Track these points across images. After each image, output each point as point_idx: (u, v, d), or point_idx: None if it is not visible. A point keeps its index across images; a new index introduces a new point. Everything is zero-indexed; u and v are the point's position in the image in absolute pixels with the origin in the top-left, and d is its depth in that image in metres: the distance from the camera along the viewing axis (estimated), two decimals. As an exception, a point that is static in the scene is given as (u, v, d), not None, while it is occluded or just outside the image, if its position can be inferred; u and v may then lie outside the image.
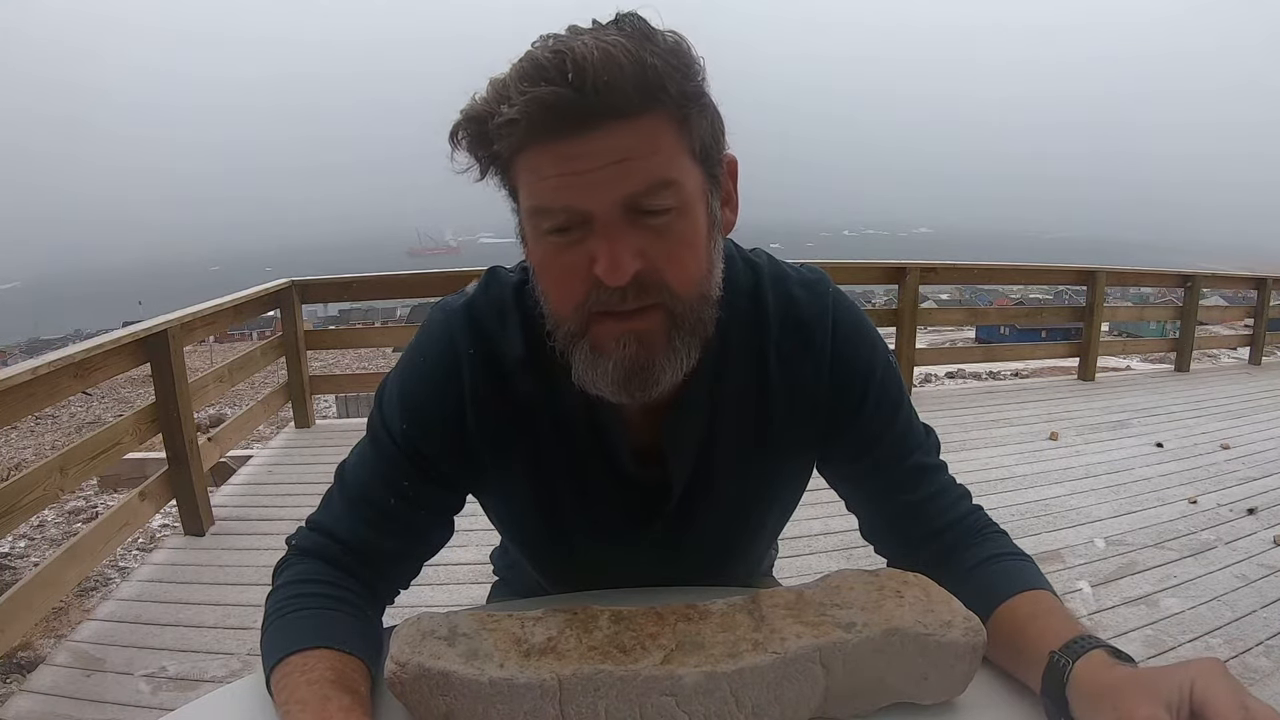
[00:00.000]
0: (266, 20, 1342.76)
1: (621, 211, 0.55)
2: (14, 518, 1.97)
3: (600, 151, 0.53)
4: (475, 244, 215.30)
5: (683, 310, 0.59)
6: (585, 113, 0.52)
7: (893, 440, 0.72)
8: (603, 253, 0.55)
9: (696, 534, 0.75)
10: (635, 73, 0.52)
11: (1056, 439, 3.85)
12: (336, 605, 0.65)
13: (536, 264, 0.61)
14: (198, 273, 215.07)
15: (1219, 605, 2.21)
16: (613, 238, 0.55)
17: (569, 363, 0.62)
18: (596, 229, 0.55)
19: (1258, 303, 6.34)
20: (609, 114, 0.53)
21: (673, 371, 0.60)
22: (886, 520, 0.75)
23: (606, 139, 0.53)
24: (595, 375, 0.60)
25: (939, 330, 22.97)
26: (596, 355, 0.60)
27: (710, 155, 0.60)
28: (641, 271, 0.56)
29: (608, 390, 0.60)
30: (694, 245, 0.59)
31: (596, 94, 0.52)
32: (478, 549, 1.14)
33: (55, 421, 9.87)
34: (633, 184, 0.54)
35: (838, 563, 2.45)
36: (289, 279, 3.91)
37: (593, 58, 0.51)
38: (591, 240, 0.56)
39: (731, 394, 0.68)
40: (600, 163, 0.54)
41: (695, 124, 0.57)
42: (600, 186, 0.54)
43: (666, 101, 0.55)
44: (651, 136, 0.55)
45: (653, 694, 0.54)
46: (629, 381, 0.59)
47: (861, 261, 5.78)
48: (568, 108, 0.52)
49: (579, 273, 0.57)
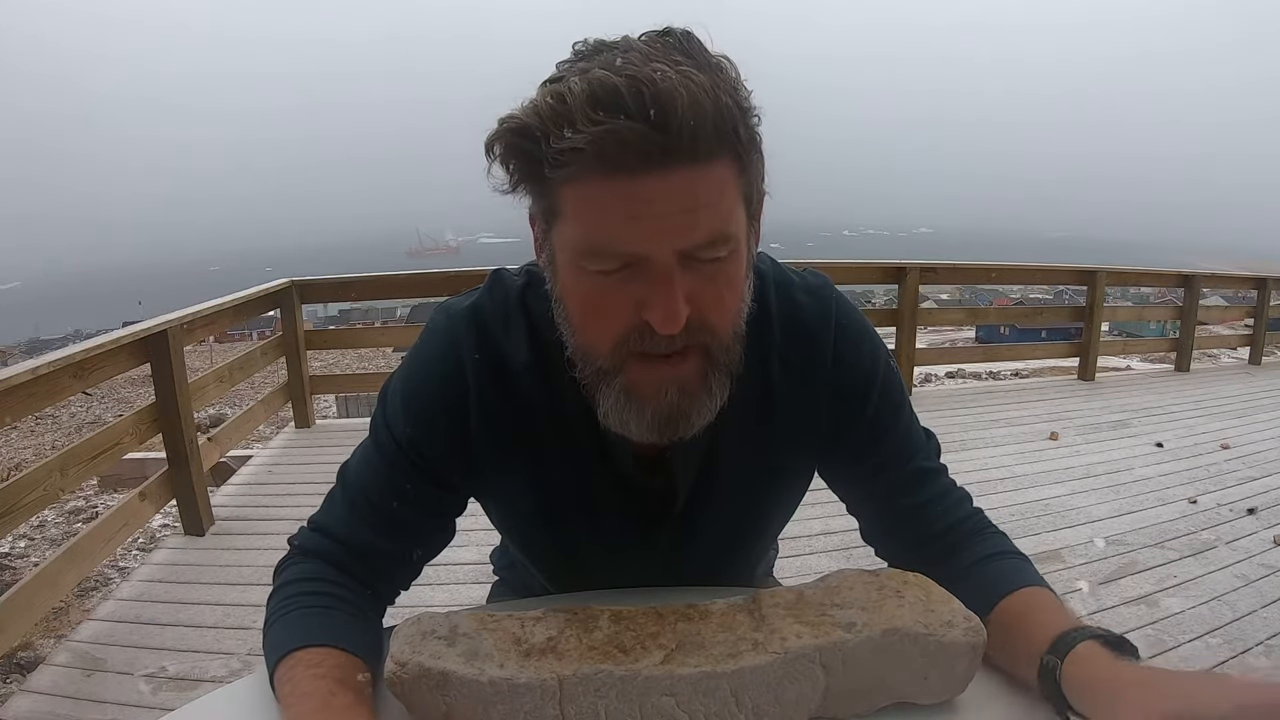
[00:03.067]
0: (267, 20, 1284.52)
1: (678, 258, 0.53)
2: (14, 518, 1.97)
3: (672, 196, 0.50)
4: (475, 244, 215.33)
5: (719, 350, 0.58)
6: (663, 153, 0.49)
7: (894, 444, 0.73)
8: (658, 301, 0.53)
9: (699, 538, 0.75)
10: (715, 116, 0.49)
11: (1056, 439, 3.85)
12: (337, 605, 0.65)
13: (571, 294, 0.58)
14: (198, 273, 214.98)
15: (1219, 605, 2.21)
16: (669, 285, 0.52)
17: (591, 396, 0.60)
18: (651, 273, 0.53)
19: (1258, 303, 6.35)
20: (687, 158, 0.50)
21: (707, 414, 0.60)
22: (887, 523, 0.75)
23: (679, 183, 0.50)
24: (627, 417, 0.59)
25: (939, 330, 22.99)
26: (630, 399, 0.58)
27: (755, 198, 0.58)
28: (690, 316, 0.54)
29: (638, 434, 0.59)
30: (736, 288, 0.58)
31: (679, 137, 0.48)
32: (478, 549, 1.14)
33: (55, 421, 9.87)
34: (698, 236, 0.52)
35: (838, 563, 2.45)
36: (289, 279, 3.91)
37: (679, 96, 0.47)
38: (639, 283, 0.53)
39: (735, 399, 0.69)
40: (671, 209, 0.50)
41: (752, 170, 0.55)
42: (666, 234, 0.51)
43: (736, 147, 0.52)
44: (719, 185, 0.52)
45: (653, 694, 0.54)
46: (665, 429, 0.58)
47: (861, 261, 5.78)
48: (647, 147, 0.48)
49: (622, 313, 0.55)
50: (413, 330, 4.37)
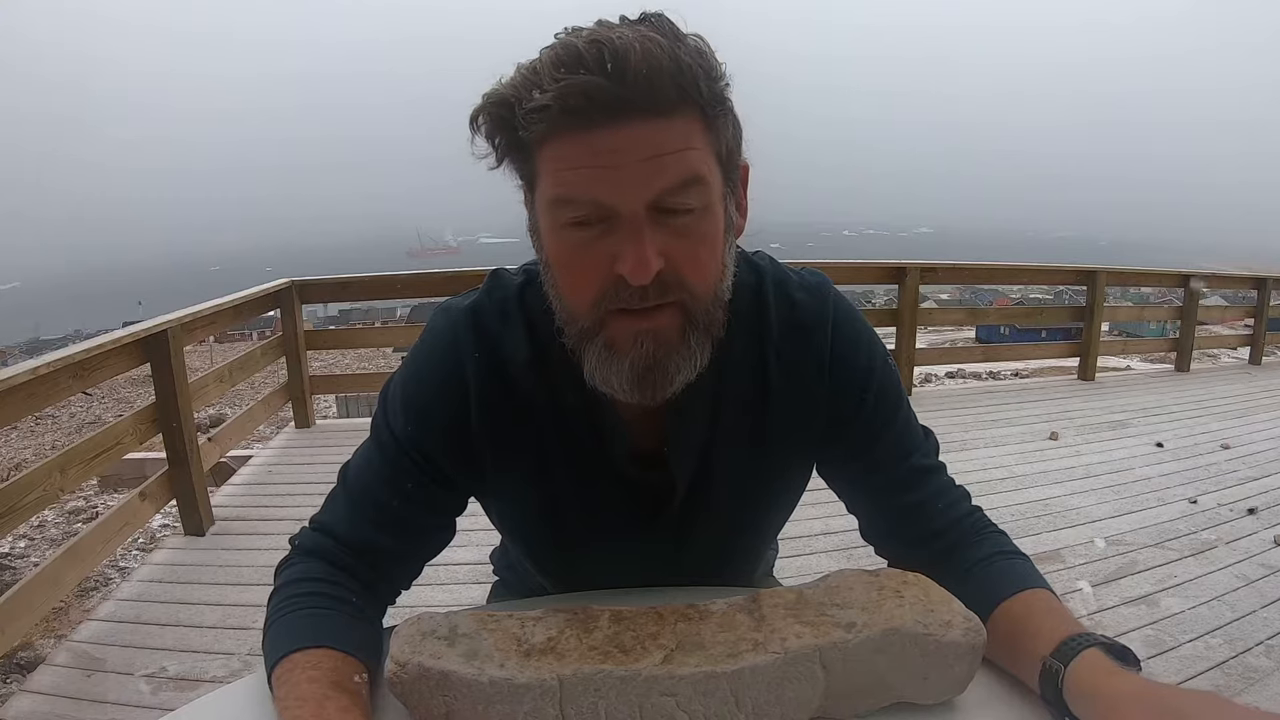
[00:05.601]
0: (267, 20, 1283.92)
1: (647, 210, 0.55)
2: (14, 518, 1.96)
3: (634, 145, 0.53)
4: (475, 244, 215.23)
5: (698, 309, 0.59)
6: (622, 104, 0.52)
7: (891, 442, 0.73)
8: (629, 251, 0.54)
9: (697, 536, 0.75)
10: (673, 70, 0.52)
11: (1056, 439, 3.85)
12: (337, 605, 0.65)
13: (553, 256, 0.60)
14: (198, 273, 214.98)
15: (1219, 605, 2.21)
16: (639, 236, 0.54)
17: (580, 361, 0.61)
18: (621, 226, 0.55)
19: (1258, 303, 6.34)
20: (646, 108, 0.52)
21: (686, 371, 0.60)
22: (886, 521, 0.75)
23: (641, 133, 0.53)
24: (609, 373, 0.60)
25: (939, 330, 22.97)
26: (611, 353, 0.59)
27: (731, 160, 0.60)
28: (662, 270, 0.56)
29: (621, 390, 0.60)
30: (713, 246, 0.59)
31: (635, 87, 0.51)
32: (478, 549, 1.14)
33: (55, 421, 9.87)
34: (664, 180, 0.54)
35: (838, 563, 2.45)
36: (289, 279, 3.91)
37: (633, 51, 0.51)
38: (613, 237, 0.55)
39: (733, 397, 0.69)
40: (633, 157, 0.53)
41: (721, 127, 0.57)
42: (630, 182, 0.54)
43: (699, 101, 0.55)
44: (684, 135, 0.55)
45: (653, 694, 0.53)
46: (643, 381, 0.59)
47: (861, 261, 5.77)
48: (605, 97, 0.51)
49: (598, 268, 0.56)
50: (413, 330, 4.37)
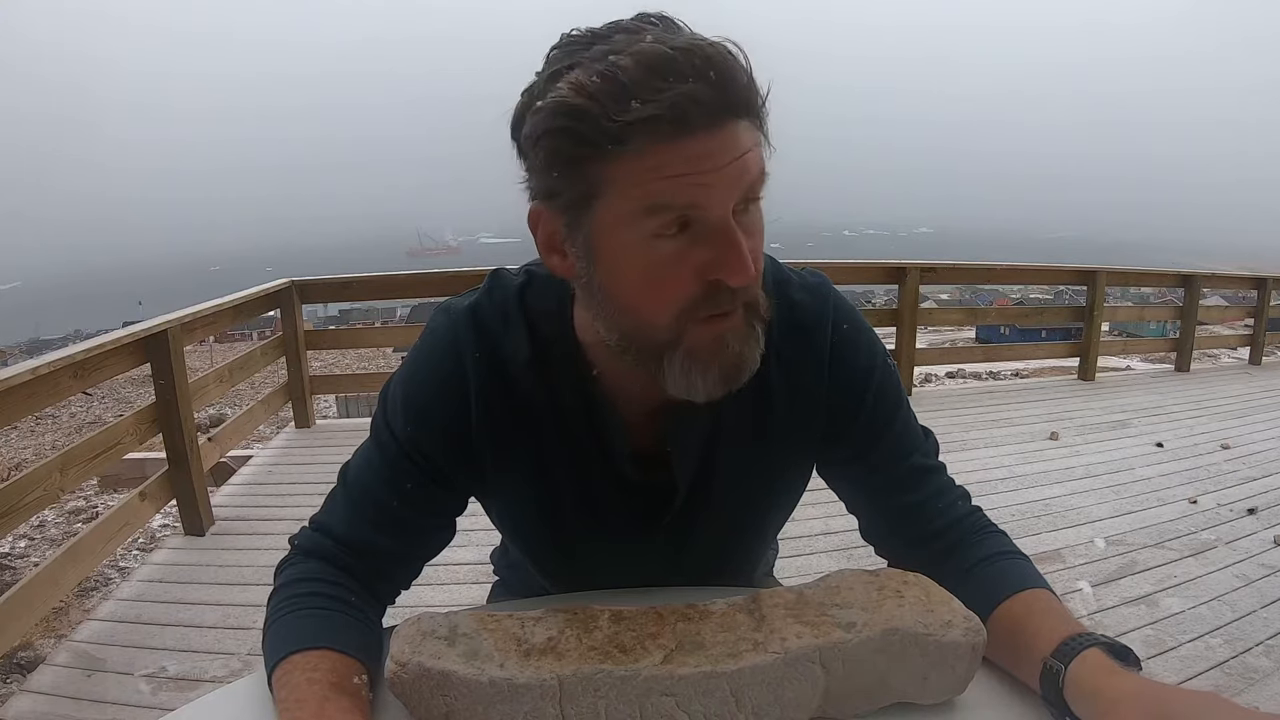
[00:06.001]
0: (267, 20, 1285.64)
1: (732, 211, 0.55)
2: (14, 518, 1.97)
3: (725, 148, 0.53)
4: (475, 244, 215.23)
5: (757, 298, 0.60)
6: (723, 109, 0.53)
7: (891, 442, 0.73)
8: (730, 256, 0.54)
9: (698, 536, 0.75)
10: (750, 71, 0.54)
11: (1056, 439, 3.85)
12: (337, 606, 0.65)
13: (631, 271, 0.57)
14: (198, 273, 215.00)
15: (1219, 605, 2.21)
16: (735, 238, 0.55)
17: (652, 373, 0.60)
18: (709, 231, 0.55)
19: (1258, 303, 6.34)
20: (739, 111, 0.54)
21: (755, 363, 0.61)
22: (886, 521, 0.75)
23: (729, 135, 0.54)
24: (694, 380, 0.59)
25: (939, 330, 22.99)
26: (695, 361, 0.59)
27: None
28: None
29: (706, 392, 0.60)
30: (764, 234, 0.60)
31: (735, 91, 0.53)
32: (478, 549, 1.14)
33: (55, 421, 9.88)
34: (749, 177, 0.55)
35: (838, 563, 2.45)
36: (289, 279, 3.91)
37: (722, 55, 0.52)
38: (703, 244, 0.55)
39: (732, 397, 0.69)
40: (725, 160, 0.53)
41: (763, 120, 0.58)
42: (724, 185, 0.54)
43: (759, 104, 0.56)
44: (751, 131, 0.56)
45: (653, 694, 0.53)
46: (730, 379, 0.60)
47: (861, 261, 5.77)
48: (712, 104, 0.52)
49: (688, 278, 0.56)
50: (413, 330, 4.37)
